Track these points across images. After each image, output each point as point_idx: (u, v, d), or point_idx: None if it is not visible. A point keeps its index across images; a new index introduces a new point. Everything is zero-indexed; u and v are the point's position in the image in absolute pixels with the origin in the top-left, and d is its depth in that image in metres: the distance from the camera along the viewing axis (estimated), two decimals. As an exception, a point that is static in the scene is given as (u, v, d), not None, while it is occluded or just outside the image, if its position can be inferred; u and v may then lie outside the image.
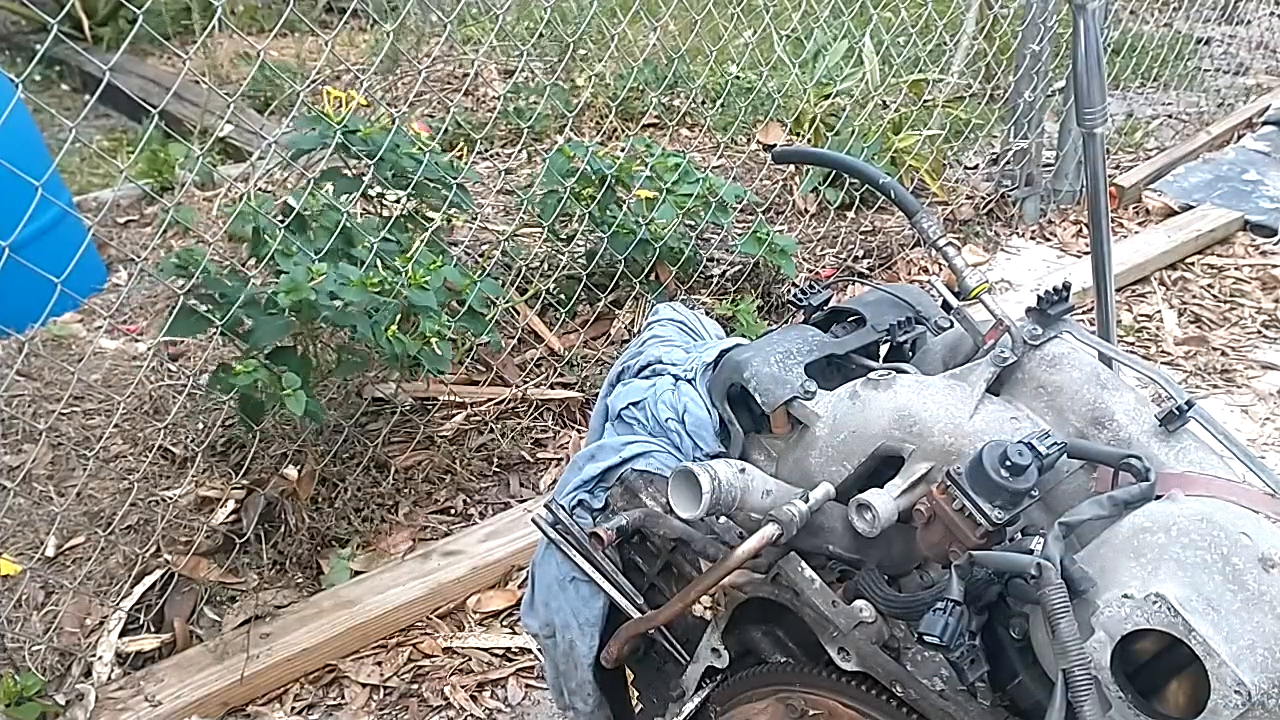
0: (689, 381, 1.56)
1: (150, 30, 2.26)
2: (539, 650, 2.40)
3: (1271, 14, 6.36)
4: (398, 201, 2.79)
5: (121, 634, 2.36)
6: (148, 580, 2.44)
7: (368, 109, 2.70)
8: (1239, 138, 5.03)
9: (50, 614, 2.35)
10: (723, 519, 1.43)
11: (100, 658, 2.30)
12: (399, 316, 2.39)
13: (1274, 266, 3.96)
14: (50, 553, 2.46)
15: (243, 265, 2.53)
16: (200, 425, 2.75)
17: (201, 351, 2.94)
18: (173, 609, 2.44)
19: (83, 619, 2.38)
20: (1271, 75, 5.82)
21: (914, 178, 4.06)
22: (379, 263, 2.47)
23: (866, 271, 3.81)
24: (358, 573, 2.57)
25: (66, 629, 2.35)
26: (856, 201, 3.95)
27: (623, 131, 4.37)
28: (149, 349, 2.97)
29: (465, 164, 3.04)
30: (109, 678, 2.28)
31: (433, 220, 2.80)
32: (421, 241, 2.63)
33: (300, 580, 2.57)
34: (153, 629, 2.41)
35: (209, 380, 2.41)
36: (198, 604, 2.46)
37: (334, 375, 2.61)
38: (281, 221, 2.44)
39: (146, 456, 2.61)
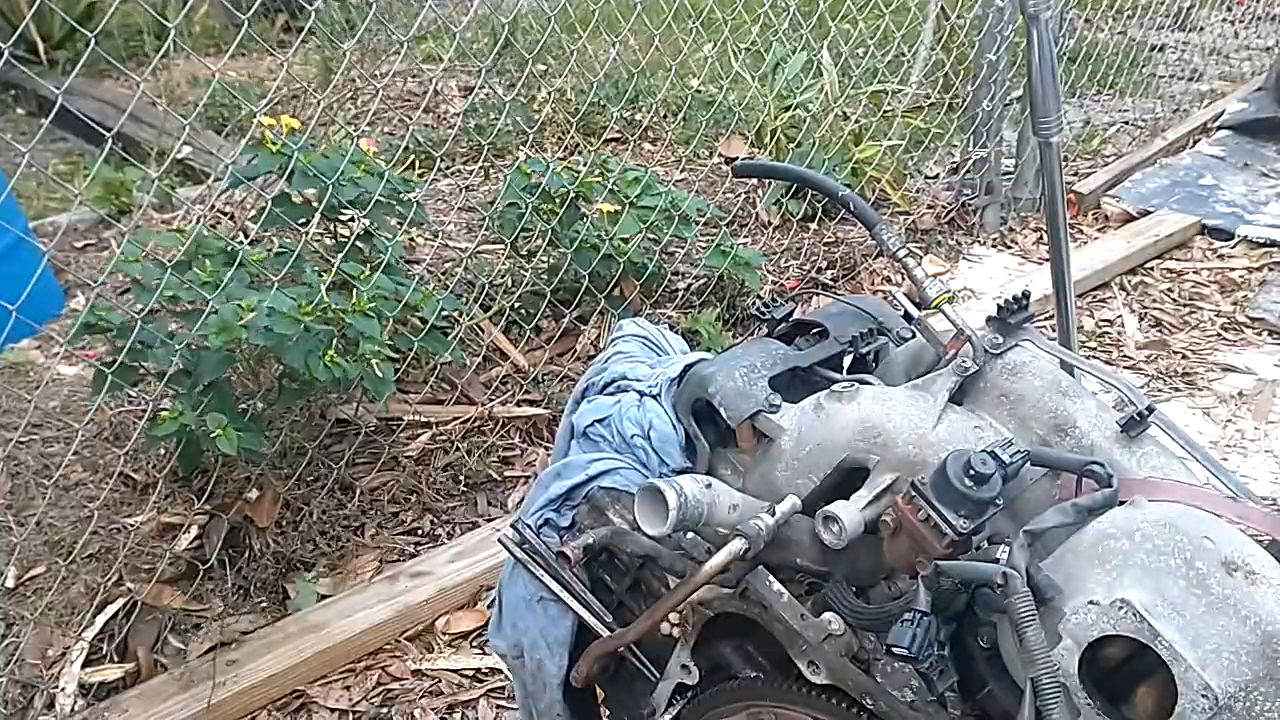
0: (654, 397, 1.55)
1: (104, 54, 2.23)
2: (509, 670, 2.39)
3: (1223, 20, 6.45)
4: (352, 220, 2.77)
5: (84, 664, 2.32)
6: (110, 609, 2.41)
7: (326, 128, 2.68)
8: (1195, 143, 5.09)
9: (11, 646, 2.31)
10: (690, 534, 1.42)
11: (63, 689, 2.26)
12: (334, 340, 2.36)
13: (1231, 270, 4.01)
14: (10, 584, 2.42)
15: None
16: (161, 451, 2.72)
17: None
18: (136, 638, 2.40)
19: (44, 650, 2.34)
20: (1225, 81, 5.90)
21: (875, 188, 4.08)
22: (321, 290, 2.45)
23: (830, 283, 3.82)
24: (324, 596, 2.54)
25: (28, 661, 2.31)
26: (819, 213, 3.97)
27: (584, 147, 4.37)
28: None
29: (425, 181, 3.02)
30: (72, 709, 2.24)
31: (385, 239, 2.78)
32: (379, 266, 2.61)
33: (266, 605, 2.54)
34: (116, 659, 2.37)
35: (146, 437, 2.38)
36: (162, 632, 2.43)
37: (277, 405, 2.58)
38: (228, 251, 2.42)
39: (107, 484, 2.57)
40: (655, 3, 4.02)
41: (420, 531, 2.79)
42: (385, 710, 2.36)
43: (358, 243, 2.73)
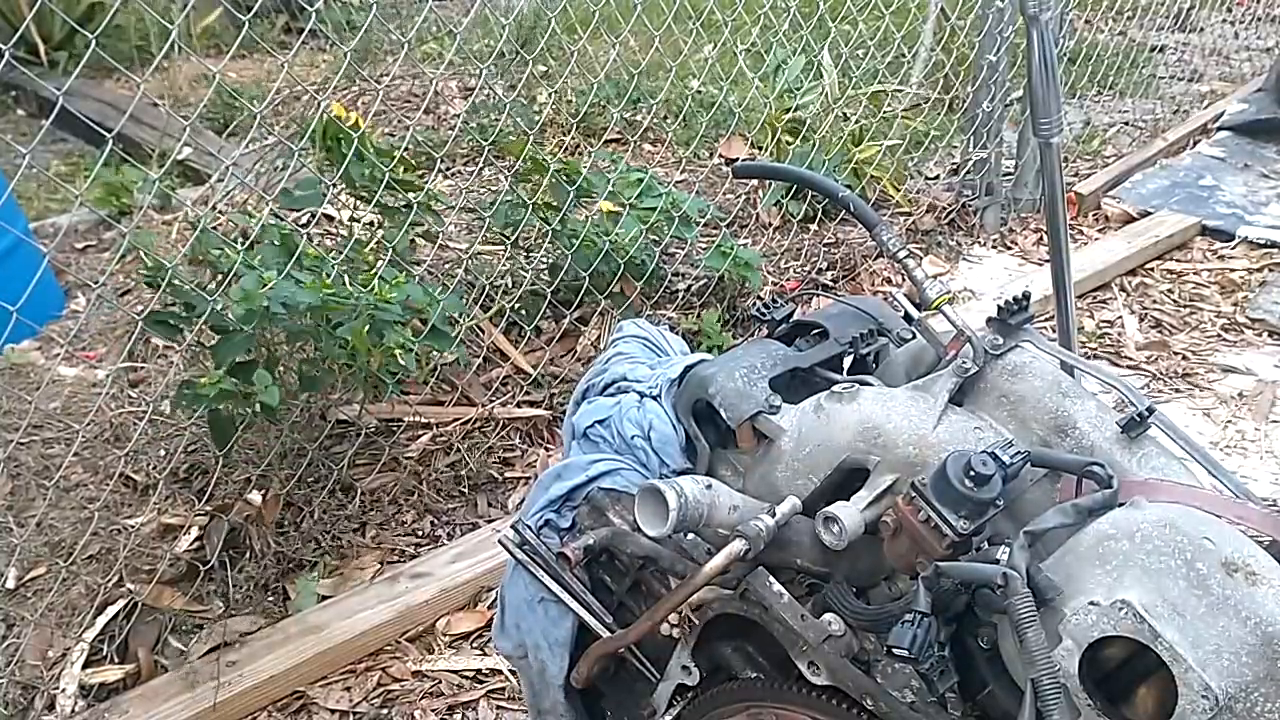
0: (654, 398, 1.56)
1: (105, 56, 2.23)
2: (509, 672, 2.39)
3: (1223, 21, 6.45)
4: (375, 223, 2.78)
5: (85, 665, 2.32)
6: (110, 610, 2.40)
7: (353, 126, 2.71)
8: (1195, 144, 5.09)
9: (11, 647, 2.31)
10: (690, 535, 1.42)
11: (63, 690, 2.26)
12: (364, 329, 2.38)
13: (1231, 270, 4.01)
14: (10, 585, 2.42)
15: (209, 281, 2.51)
16: (162, 452, 2.72)
17: (162, 376, 2.91)
18: (137, 639, 2.40)
19: (45, 651, 2.34)
20: (1225, 81, 5.90)
21: (876, 189, 4.08)
22: (344, 279, 2.46)
23: (830, 284, 3.82)
24: (325, 597, 2.54)
25: (28, 661, 2.31)
26: (819, 214, 3.97)
27: (585, 148, 4.37)
28: (108, 375, 2.94)
29: (425, 182, 3.04)
30: (72, 710, 2.24)
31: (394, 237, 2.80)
32: (384, 260, 2.62)
33: (267, 606, 2.54)
34: (116, 660, 2.37)
35: (175, 399, 2.38)
36: (162, 633, 2.43)
37: (298, 393, 2.58)
38: (242, 240, 2.43)
39: (107, 485, 2.57)
40: (655, 3, 4.02)
41: (421, 532, 2.79)
42: (385, 711, 2.35)
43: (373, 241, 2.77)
